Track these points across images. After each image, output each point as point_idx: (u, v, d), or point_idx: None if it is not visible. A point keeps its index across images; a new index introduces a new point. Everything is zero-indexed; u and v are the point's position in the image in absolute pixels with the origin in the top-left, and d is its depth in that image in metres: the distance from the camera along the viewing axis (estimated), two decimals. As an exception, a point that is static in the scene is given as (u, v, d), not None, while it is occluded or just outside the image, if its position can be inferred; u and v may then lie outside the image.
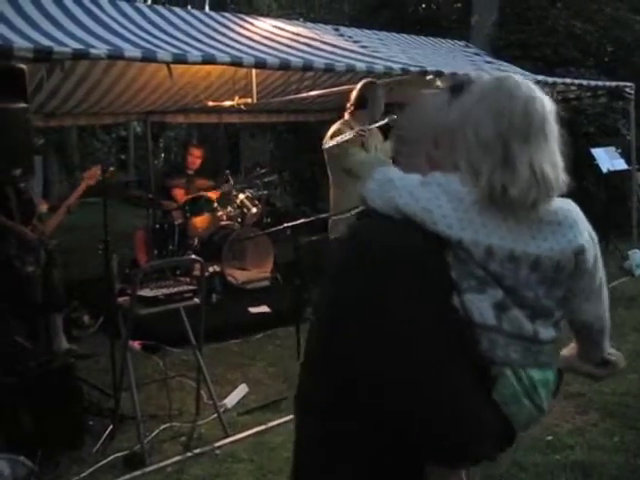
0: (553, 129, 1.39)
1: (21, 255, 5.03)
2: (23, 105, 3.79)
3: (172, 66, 4.63)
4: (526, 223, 1.36)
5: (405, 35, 8.41)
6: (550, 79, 7.13)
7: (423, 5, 13.33)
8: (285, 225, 4.84)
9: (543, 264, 1.36)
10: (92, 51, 3.97)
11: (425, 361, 1.28)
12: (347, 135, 4.75)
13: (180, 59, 4.39)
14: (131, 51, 4.18)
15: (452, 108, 1.46)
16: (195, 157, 7.87)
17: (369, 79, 5.07)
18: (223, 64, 4.66)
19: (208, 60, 4.53)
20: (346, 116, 5.03)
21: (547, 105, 1.39)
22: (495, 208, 1.35)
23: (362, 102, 4.95)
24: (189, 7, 13.95)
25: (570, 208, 1.43)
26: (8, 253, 4.91)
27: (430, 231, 1.34)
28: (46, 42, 4.03)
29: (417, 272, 1.31)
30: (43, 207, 5.39)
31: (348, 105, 5.01)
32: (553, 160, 1.38)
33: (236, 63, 4.67)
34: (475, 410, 1.31)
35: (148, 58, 4.24)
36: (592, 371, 1.61)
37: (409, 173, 1.45)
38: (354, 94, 4.99)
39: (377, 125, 4.91)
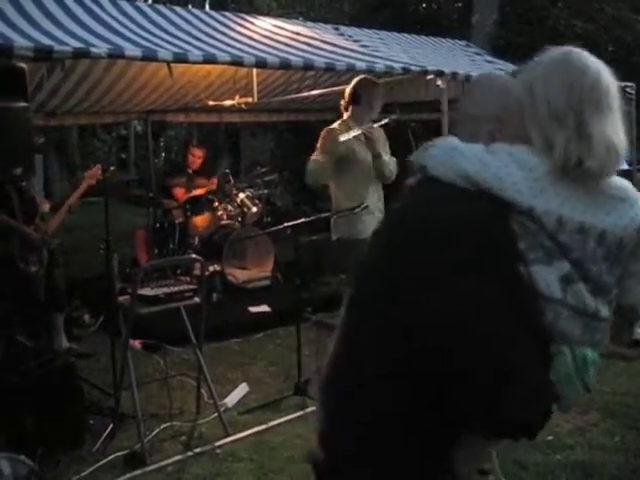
0: (617, 100, 1.40)
1: (24, 255, 5.02)
2: (23, 104, 3.79)
3: (173, 65, 4.63)
4: (593, 195, 1.35)
5: (406, 34, 8.40)
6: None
7: (424, 4, 13.33)
8: (285, 225, 4.84)
9: (608, 239, 1.35)
10: (92, 50, 3.97)
11: (489, 330, 1.26)
12: (355, 131, 4.73)
13: (181, 58, 4.38)
14: (132, 50, 4.18)
15: (517, 83, 1.46)
16: (196, 157, 7.87)
17: (363, 76, 5.04)
18: (224, 63, 4.66)
19: (209, 59, 4.53)
20: (344, 115, 5.02)
21: (610, 77, 1.41)
22: (567, 179, 1.33)
23: (355, 98, 4.92)
24: (190, 6, 13.92)
25: (629, 186, 1.42)
26: (11, 253, 4.90)
27: (498, 198, 1.33)
28: (46, 41, 4.02)
29: (482, 240, 1.30)
30: (45, 206, 5.39)
31: (342, 102, 4.98)
32: (619, 131, 1.38)
33: (237, 62, 4.67)
34: (544, 383, 1.30)
35: (149, 57, 4.24)
36: (625, 353, 1.59)
37: (450, 138, 1.47)
38: (347, 91, 4.96)
39: (380, 124, 4.90)
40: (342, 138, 4.72)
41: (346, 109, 4.97)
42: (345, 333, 1.49)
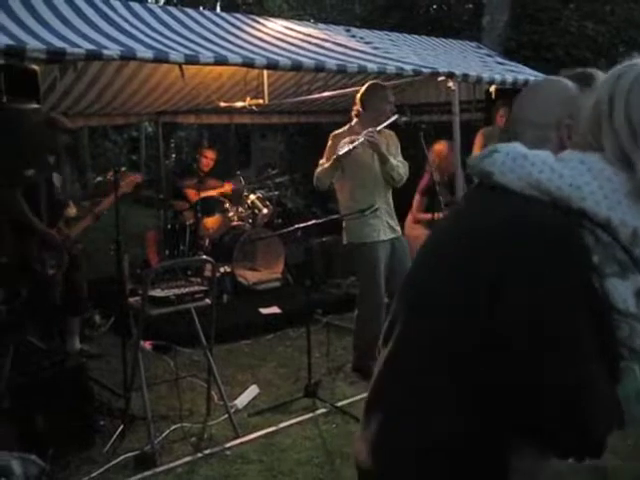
0: None
1: (42, 257, 5.01)
2: (36, 105, 3.82)
3: (184, 67, 4.64)
4: None
5: (416, 36, 8.38)
6: (562, 80, 7.10)
7: (434, 6, 13.27)
8: (296, 226, 4.84)
9: None
10: (105, 52, 3.98)
11: (567, 345, 1.24)
12: (360, 139, 4.74)
13: (192, 60, 4.39)
14: (143, 52, 4.19)
15: (596, 92, 1.42)
16: (209, 159, 7.89)
17: (371, 82, 5.06)
18: (235, 65, 4.66)
19: (220, 61, 4.53)
20: (353, 120, 5.03)
21: None
22: None
23: (362, 104, 4.95)
24: (201, 8, 13.95)
25: None
26: (28, 255, 4.89)
27: (575, 209, 1.30)
28: (59, 43, 4.03)
29: (562, 252, 1.27)
30: (71, 211, 5.35)
31: (354, 108, 5.02)
32: None
33: (248, 64, 4.67)
34: (616, 401, 1.28)
35: (160, 59, 4.25)
36: None
37: (515, 144, 1.43)
38: (358, 97, 4.99)
39: (384, 125, 4.89)
40: (340, 152, 4.75)
41: (357, 116, 4.99)
42: (405, 347, 1.45)
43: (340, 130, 5.08)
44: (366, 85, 5.01)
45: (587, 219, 1.29)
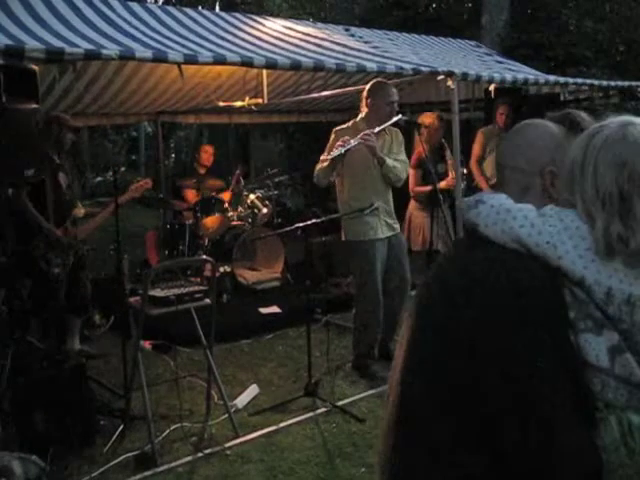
0: None
1: (48, 256, 5.02)
2: (35, 105, 3.82)
3: (183, 66, 4.64)
4: (639, 267, 1.34)
5: (415, 35, 8.39)
6: (561, 79, 7.09)
7: (433, 5, 13.29)
8: (296, 225, 4.84)
9: None
10: (103, 52, 3.98)
11: (541, 396, 1.28)
12: (352, 142, 4.74)
13: (191, 59, 4.39)
14: (142, 52, 4.18)
15: (572, 148, 1.45)
16: (209, 154, 7.91)
17: (377, 80, 5.06)
18: (234, 64, 4.66)
19: (219, 60, 4.53)
20: (357, 117, 5.04)
21: None
22: (614, 252, 1.33)
23: (366, 102, 4.96)
24: (199, 8, 13.95)
25: None
26: (34, 253, 4.89)
27: (553, 266, 1.33)
28: (57, 43, 4.03)
29: (541, 305, 1.31)
30: (80, 212, 5.35)
31: (361, 107, 5.04)
32: None
33: (247, 63, 4.67)
34: (593, 448, 1.30)
35: (159, 58, 4.24)
36: None
37: (501, 195, 1.47)
38: (363, 94, 5.01)
39: (383, 127, 4.89)
40: (334, 153, 4.75)
41: (362, 115, 5.01)
42: (405, 394, 1.47)
43: (344, 126, 5.09)
44: (371, 83, 5.02)
45: (564, 276, 1.33)
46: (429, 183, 6.00)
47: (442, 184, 6.05)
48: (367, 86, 5.02)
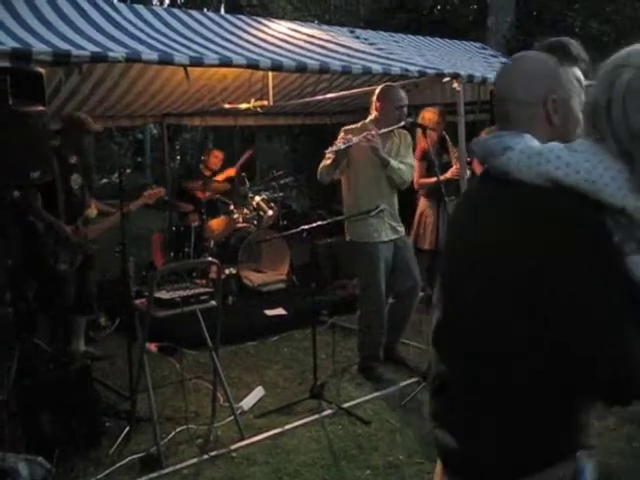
0: None
1: (57, 252, 5.04)
2: (41, 108, 3.82)
3: (189, 68, 4.64)
4: None
5: (421, 37, 8.38)
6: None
7: (438, 7, 13.27)
8: (302, 227, 4.83)
9: None
10: (110, 54, 3.98)
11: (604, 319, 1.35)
12: (354, 140, 4.74)
13: (197, 61, 4.39)
14: (148, 54, 4.19)
15: (593, 89, 1.53)
16: (218, 159, 7.94)
17: (387, 84, 5.06)
18: (239, 67, 4.65)
19: (225, 62, 4.53)
20: (367, 119, 5.04)
21: None
22: None
23: (377, 105, 4.97)
24: (205, 10, 13.98)
25: None
26: (43, 251, 4.91)
27: (592, 200, 1.39)
28: (64, 45, 4.04)
29: (589, 234, 1.38)
30: (92, 212, 5.38)
31: (370, 109, 5.04)
32: None
33: (252, 66, 4.67)
34: None
35: (165, 61, 4.25)
36: None
37: (524, 136, 1.53)
38: (373, 97, 5.01)
39: (389, 129, 4.89)
40: (333, 147, 4.76)
41: (372, 117, 5.01)
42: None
43: (352, 126, 5.09)
44: (381, 86, 5.03)
45: (604, 207, 1.39)
46: (433, 175, 6.06)
47: (447, 174, 6.08)
48: (377, 89, 5.03)
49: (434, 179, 6.05)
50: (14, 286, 4.70)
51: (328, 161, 4.86)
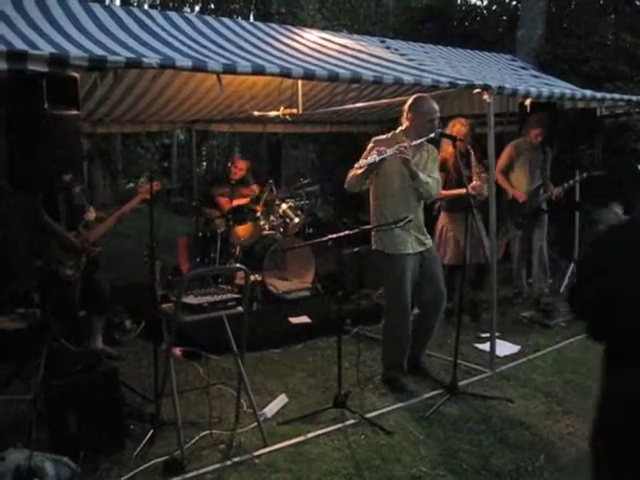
0: None
1: (61, 259, 5.13)
2: (75, 112, 3.88)
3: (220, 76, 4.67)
4: None
5: (450, 48, 8.38)
6: (598, 94, 7.02)
7: (468, 18, 13.24)
8: (329, 237, 4.80)
9: None
10: (144, 60, 4.02)
11: None
12: (388, 152, 4.71)
13: (230, 69, 4.42)
14: (182, 61, 4.22)
15: None
16: (239, 169, 7.91)
17: (419, 95, 5.04)
18: (272, 75, 4.67)
19: (257, 71, 4.55)
20: (397, 130, 5.03)
21: None
22: None
23: (408, 116, 4.96)
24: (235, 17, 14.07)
25: None
26: (48, 256, 4.98)
27: None
28: (98, 51, 4.09)
29: None
30: (91, 215, 5.46)
31: (401, 119, 5.04)
32: None
33: (285, 74, 4.68)
34: None
35: (199, 68, 4.28)
36: None
37: None
38: (405, 107, 5.00)
39: (420, 141, 4.87)
40: (368, 160, 4.73)
41: (403, 128, 5.00)
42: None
43: (382, 136, 5.07)
44: (413, 97, 5.00)
45: None
46: (451, 188, 6.34)
47: (463, 190, 6.09)
48: (409, 100, 5.01)
49: (453, 191, 6.26)
50: (38, 288, 4.78)
51: (359, 171, 4.82)
